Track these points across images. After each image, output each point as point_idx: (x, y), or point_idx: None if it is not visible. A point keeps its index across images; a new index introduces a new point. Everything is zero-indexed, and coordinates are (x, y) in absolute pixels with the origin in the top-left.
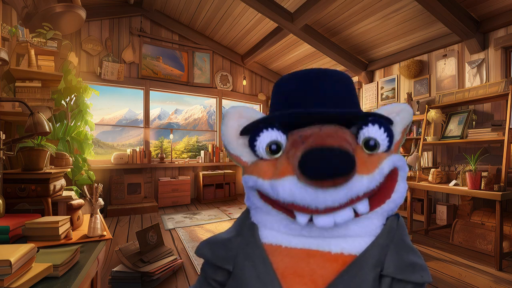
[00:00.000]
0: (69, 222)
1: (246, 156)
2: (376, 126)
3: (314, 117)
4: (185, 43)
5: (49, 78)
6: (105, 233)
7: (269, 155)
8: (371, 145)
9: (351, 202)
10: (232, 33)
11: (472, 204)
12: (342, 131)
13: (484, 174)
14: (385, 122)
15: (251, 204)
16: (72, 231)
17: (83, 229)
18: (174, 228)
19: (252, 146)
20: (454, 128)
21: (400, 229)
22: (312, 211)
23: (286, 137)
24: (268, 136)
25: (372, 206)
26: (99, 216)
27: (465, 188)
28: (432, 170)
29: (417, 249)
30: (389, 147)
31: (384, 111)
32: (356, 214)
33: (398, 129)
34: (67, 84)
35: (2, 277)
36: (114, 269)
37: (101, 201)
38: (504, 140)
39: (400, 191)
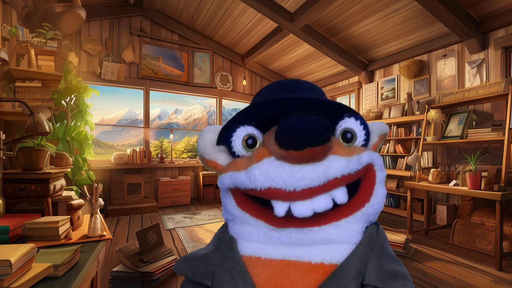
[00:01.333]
0: (69, 222)
1: (222, 160)
2: (352, 119)
3: (289, 109)
4: (185, 43)
5: (49, 78)
6: (105, 233)
7: (246, 149)
8: (348, 137)
9: (329, 185)
10: (232, 33)
11: (472, 204)
12: None
13: (484, 174)
14: (360, 115)
15: (229, 215)
16: (72, 231)
17: (83, 229)
18: (174, 228)
19: (228, 142)
20: (454, 128)
21: (380, 238)
22: (290, 195)
23: (263, 135)
24: (244, 131)
25: (352, 209)
26: (99, 216)
27: (465, 188)
28: (432, 170)
29: (398, 257)
30: (366, 141)
31: None
32: (336, 208)
33: (374, 133)
34: (67, 84)
35: (2, 277)
36: (114, 269)
37: (101, 201)
38: (504, 140)
39: (379, 196)
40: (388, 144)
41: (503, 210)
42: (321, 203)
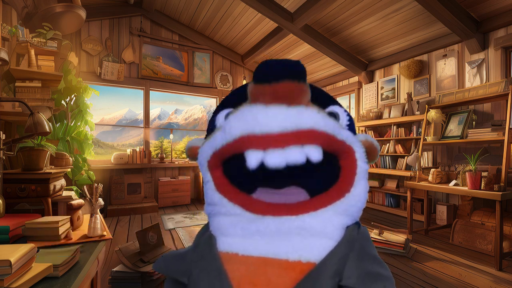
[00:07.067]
0: (69, 222)
1: None
2: (337, 106)
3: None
4: (185, 43)
5: (49, 78)
6: (105, 233)
7: None
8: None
9: (302, 135)
10: (232, 33)
11: (472, 204)
12: None
13: (484, 174)
14: (343, 108)
15: (208, 205)
16: (72, 231)
17: (83, 229)
18: (174, 228)
19: (213, 126)
20: (454, 128)
21: (361, 238)
22: (263, 139)
23: None
24: (226, 111)
25: (330, 199)
26: (99, 216)
27: (465, 188)
28: (432, 170)
29: (382, 260)
30: (349, 128)
31: None
32: (314, 197)
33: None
34: (67, 84)
35: (2, 277)
36: (114, 269)
37: (101, 201)
38: (504, 140)
39: (360, 188)
40: (388, 144)
41: (503, 210)
42: (295, 155)
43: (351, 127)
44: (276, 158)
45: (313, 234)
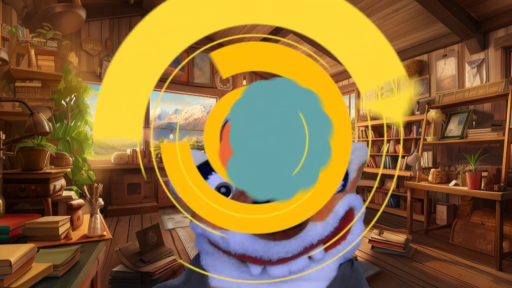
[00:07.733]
0: (69, 222)
1: None
2: None
3: None
4: None
5: (49, 78)
6: (105, 233)
7: None
8: None
9: (306, 250)
10: (232, 33)
11: (472, 204)
12: None
13: (484, 174)
14: None
15: (201, 249)
16: (72, 231)
17: (83, 229)
18: (174, 228)
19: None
20: (454, 128)
21: (355, 275)
22: (265, 262)
23: None
24: (217, 178)
25: (327, 248)
26: (99, 216)
27: (465, 188)
28: (432, 170)
29: None
30: (344, 186)
31: None
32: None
33: (353, 167)
34: (67, 84)
35: (2, 277)
36: (114, 269)
37: (101, 201)
38: (504, 140)
39: (356, 233)
40: (388, 144)
41: (503, 210)
42: (298, 265)
43: (345, 179)
44: (279, 272)
45: (308, 279)
